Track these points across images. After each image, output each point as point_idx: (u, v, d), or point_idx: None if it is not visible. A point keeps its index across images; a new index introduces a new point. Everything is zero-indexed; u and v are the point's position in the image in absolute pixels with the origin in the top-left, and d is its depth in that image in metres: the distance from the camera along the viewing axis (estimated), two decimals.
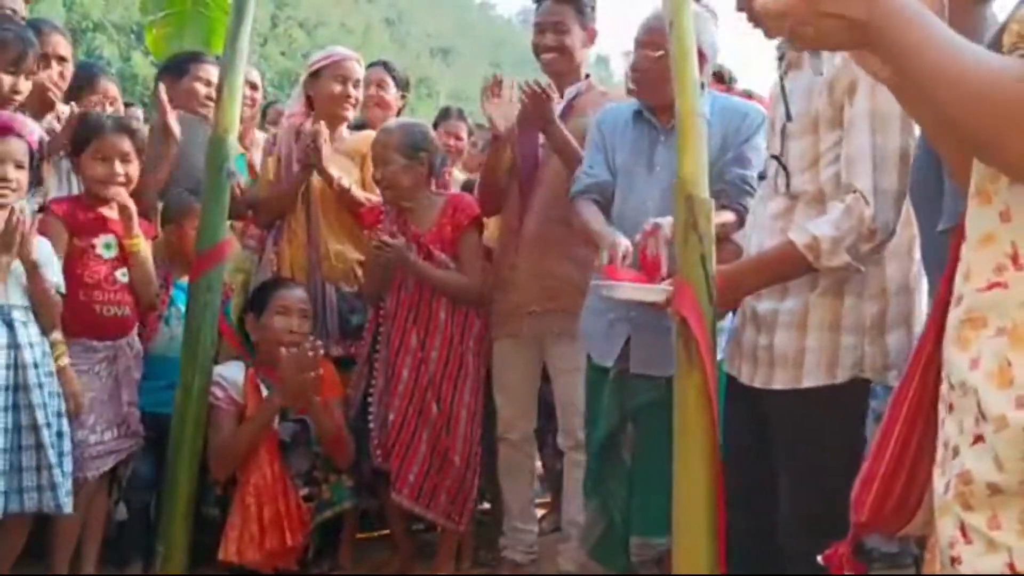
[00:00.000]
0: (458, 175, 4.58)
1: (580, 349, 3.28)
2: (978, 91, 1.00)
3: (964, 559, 1.03)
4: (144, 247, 3.16)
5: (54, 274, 2.88)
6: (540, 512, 3.96)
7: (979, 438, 1.03)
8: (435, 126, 4.76)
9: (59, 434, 2.82)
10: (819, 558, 1.42)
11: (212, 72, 3.64)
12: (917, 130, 2.00)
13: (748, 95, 3.87)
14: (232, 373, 3.30)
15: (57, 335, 2.90)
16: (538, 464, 3.99)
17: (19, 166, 2.80)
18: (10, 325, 2.74)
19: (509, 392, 3.51)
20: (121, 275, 3.12)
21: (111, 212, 3.13)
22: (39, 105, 3.33)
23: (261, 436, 3.20)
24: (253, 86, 4.17)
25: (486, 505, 3.87)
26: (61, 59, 3.43)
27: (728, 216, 2.72)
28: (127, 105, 6.90)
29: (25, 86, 3.06)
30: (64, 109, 3.43)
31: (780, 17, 1.14)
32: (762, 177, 2.39)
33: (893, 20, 1.07)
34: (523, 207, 3.42)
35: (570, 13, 3.38)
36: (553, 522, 3.89)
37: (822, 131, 2.14)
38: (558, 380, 3.41)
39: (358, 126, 4.02)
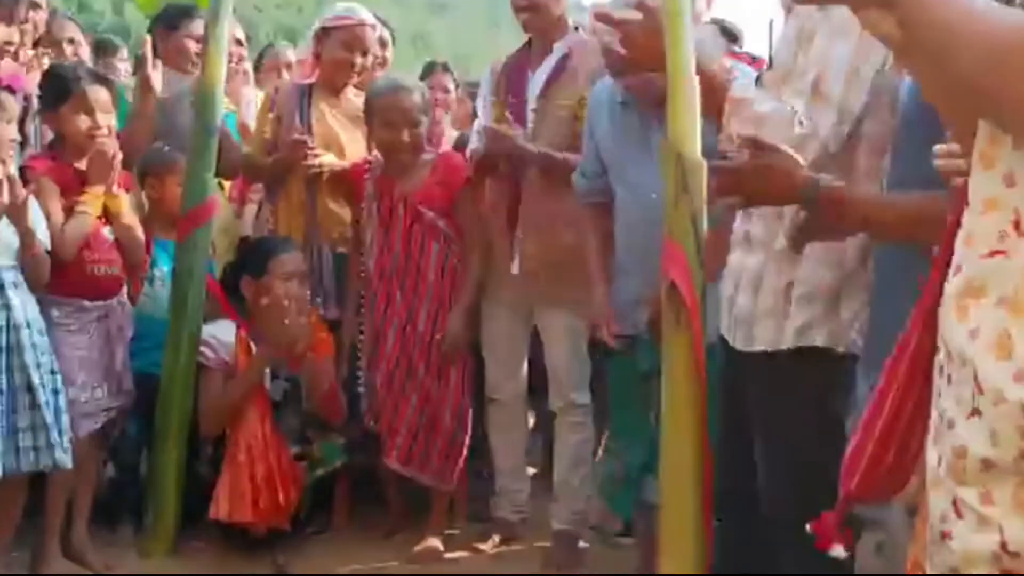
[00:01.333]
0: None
1: (571, 313, 3.29)
2: (998, 53, 0.94)
3: (955, 534, 1.00)
4: (125, 203, 3.10)
5: (42, 233, 2.84)
6: (532, 470, 3.97)
7: (975, 411, 0.99)
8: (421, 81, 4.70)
9: (55, 391, 2.82)
10: (807, 527, 1.40)
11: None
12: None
13: (752, 59, 3.77)
14: (223, 333, 3.27)
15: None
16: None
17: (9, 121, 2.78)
18: (0, 286, 2.71)
19: (497, 353, 3.50)
20: (109, 232, 3.07)
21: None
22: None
23: (249, 393, 3.17)
24: (239, 42, 4.09)
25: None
26: (34, 5, 3.39)
27: None
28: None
29: (15, 36, 3.00)
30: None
31: None
32: None
33: None
34: (515, 176, 3.34)
35: None
36: (546, 485, 3.88)
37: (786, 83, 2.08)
38: (549, 344, 3.40)
39: None
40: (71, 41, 3.87)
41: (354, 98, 3.65)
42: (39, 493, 2.97)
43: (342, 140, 3.58)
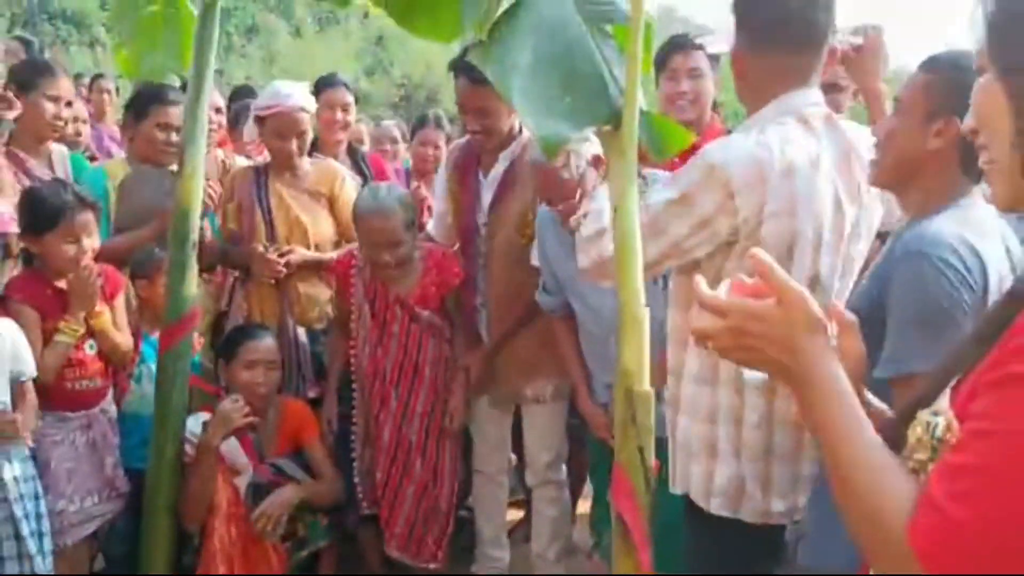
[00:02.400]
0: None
1: (551, 409, 3.47)
2: (865, 521, 1.03)
3: None
4: (108, 319, 3.12)
5: (26, 363, 2.87)
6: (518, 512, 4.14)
7: None
8: (412, 134, 4.63)
9: (38, 516, 2.87)
10: None
11: (173, 115, 3.50)
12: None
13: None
14: (200, 427, 3.26)
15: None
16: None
17: None
18: None
19: (483, 433, 3.63)
20: (89, 347, 3.10)
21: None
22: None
23: (210, 476, 3.16)
24: (218, 109, 4.04)
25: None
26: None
27: None
28: (99, 77, 6.72)
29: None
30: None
31: (705, 336, 1.18)
32: None
33: (808, 380, 1.12)
34: (474, 280, 3.44)
35: (489, 94, 3.07)
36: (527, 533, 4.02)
37: None
38: (528, 428, 3.54)
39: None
40: (74, 120, 3.83)
41: (311, 168, 3.64)
42: None
43: (304, 221, 3.57)
